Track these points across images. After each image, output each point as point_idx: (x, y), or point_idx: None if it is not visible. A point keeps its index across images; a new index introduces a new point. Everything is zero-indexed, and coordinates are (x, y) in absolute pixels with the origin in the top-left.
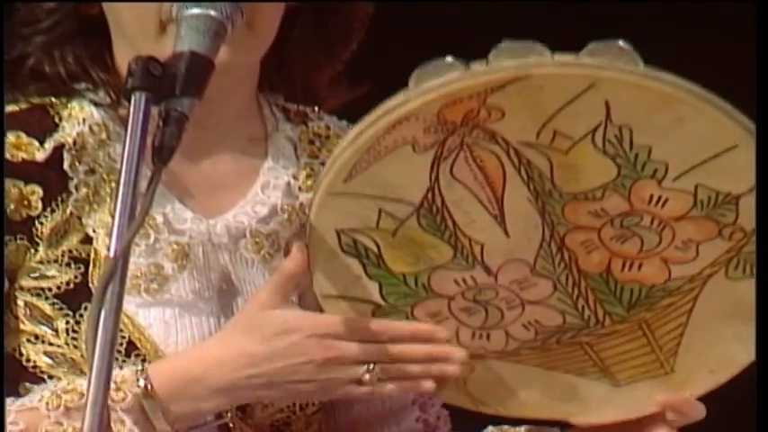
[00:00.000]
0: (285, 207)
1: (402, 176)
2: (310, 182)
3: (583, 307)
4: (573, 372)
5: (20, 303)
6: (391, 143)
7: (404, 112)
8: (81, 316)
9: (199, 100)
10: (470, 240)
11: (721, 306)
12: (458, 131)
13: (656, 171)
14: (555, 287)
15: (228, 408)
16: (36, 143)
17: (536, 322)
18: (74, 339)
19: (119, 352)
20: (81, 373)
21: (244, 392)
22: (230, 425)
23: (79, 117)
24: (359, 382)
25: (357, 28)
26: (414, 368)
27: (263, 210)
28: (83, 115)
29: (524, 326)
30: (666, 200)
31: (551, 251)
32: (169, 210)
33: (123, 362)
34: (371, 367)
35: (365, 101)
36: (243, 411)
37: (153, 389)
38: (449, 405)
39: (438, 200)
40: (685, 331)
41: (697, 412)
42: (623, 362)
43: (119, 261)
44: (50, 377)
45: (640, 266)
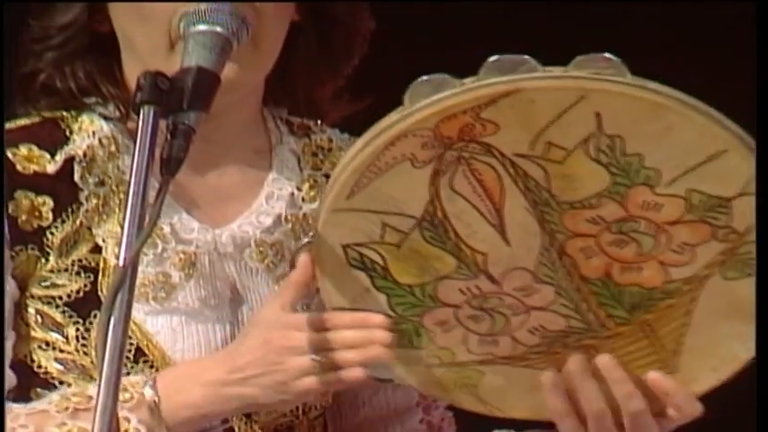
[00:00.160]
0: (289, 217)
1: (403, 191)
2: (313, 193)
3: (585, 311)
4: None
5: (31, 311)
6: (391, 159)
7: (401, 129)
8: (91, 323)
9: (206, 113)
10: (473, 251)
11: (720, 306)
12: (455, 146)
13: (649, 178)
14: (557, 293)
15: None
16: (47, 156)
17: (541, 327)
18: (84, 346)
19: (127, 358)
20: (91, 379)
21: (225, 390)
22: (235, 429)
23: (89, 130)
24: (310, 374)
25: (359, 43)
26: (348, 354)
27: (268, 220)
28: (93, 128)
29: (530, 331)
30: (661, 205)
31: (552, 258)
32: (176, 220)
33: (131, 368)
34: (318, 357)
35: (367, 114)
36: (247, 416)
37: (159, 400)
38: (453, 407)
39: (440, 213)
40: (687, 331)
41: (692, 407)
42: (628, 363)
43: (128, 270)
44: (61, 383)
45: (639, 270)
